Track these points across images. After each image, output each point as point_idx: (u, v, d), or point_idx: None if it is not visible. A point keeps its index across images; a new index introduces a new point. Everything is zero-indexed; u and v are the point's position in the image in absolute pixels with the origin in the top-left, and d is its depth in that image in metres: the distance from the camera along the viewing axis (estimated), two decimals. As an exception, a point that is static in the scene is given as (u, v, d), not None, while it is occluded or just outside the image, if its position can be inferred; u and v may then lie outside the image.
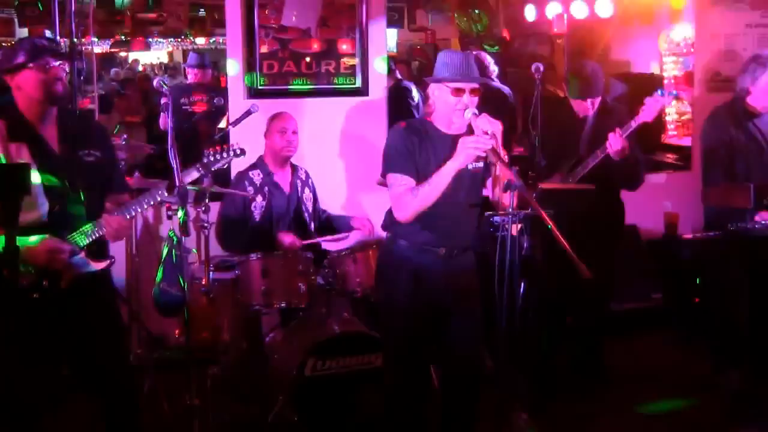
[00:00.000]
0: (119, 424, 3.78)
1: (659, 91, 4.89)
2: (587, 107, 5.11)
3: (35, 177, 3.45)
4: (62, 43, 4.88)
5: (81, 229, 3.54)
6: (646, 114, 4.87)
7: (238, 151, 3.81)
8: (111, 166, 3.82)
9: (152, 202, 3.66)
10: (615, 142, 4.79)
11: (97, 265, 3.62)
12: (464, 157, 3.66)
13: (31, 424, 3.64)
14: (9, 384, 3.56)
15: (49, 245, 3.46)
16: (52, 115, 3.60)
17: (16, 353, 3.51)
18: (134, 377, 3.98)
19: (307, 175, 5.43)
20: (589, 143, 5.02)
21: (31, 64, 3.46)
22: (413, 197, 3.74)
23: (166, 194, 3.63)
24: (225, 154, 3.77)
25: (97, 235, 3.55)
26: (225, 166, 3.83)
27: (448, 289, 3.92)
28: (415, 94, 7.58)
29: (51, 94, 3.51)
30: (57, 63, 3.51)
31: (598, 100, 5.12)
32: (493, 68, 6.42)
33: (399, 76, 7.76)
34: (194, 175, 3.75)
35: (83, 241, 3.54)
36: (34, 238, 3.43)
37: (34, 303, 3.48)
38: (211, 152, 3.75)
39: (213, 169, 3.80)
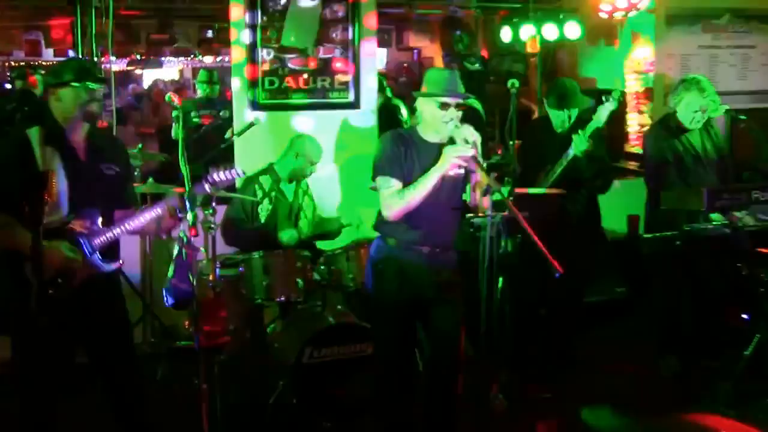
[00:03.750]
0: (126, 410, 3.76)
1: (604, 98, 4.90)
2: (564, 120, 5.11)
3: (62, 183, 3.46)
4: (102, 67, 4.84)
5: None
6: (596, 120, 4.88)
7: (240, 173, 3.79)
8: (126, 180, 3.84)
9: (154, 215, 3.64)
10: (580, 143, 4.82)
11: (109, 266, 3.62)
12: (448, 163, 3.67)
13: (49, 411, 3.61)
14: (30, 374, 3.54)
15: (63, 255, 3.45)
16: (83, 128, 3.62)
17: (36, 345, 3.50)
18: (139, 369, 3.94)
19: (308, 186, 5.44)
20: (556, 155, 5.02)
21: (74, 84, 3.49)
22: (400, 198, 3.75)
23: (159, 211, 3.62)
24: (228, 175, 3.73)
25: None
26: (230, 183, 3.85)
27: (432, 284, 3.91)
28: (404, 110, 7.56)
29: (85, 113, 3.55)
30: (96, 86, 3.56)
31: (575, 113, 5.11)
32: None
33: (389, 95, 7.75)
34: (206, 190, 3.74)
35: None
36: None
37: (51, 298, 3.44)
38: (219, 172, 3.72)
39: (219, 188, 3.80)
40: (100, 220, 3.56)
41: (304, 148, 5.25)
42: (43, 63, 11.06)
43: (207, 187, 3.67)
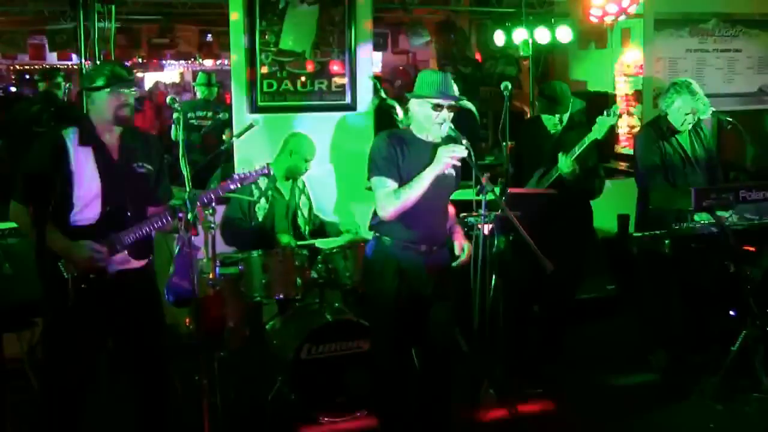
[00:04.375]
0: (152, 403, 3.84)
1: (605, 112, 4.89)
2: (556, 123, 5.11)
3: (95, 182, 3.54)
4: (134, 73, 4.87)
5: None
6: (596, 132, 4.87)
7: (266, 170, 3.88)
8: (158, 178, 3.86)
9: (159, 225, 3.69)
10: (564, 165, 4.82)
11: (137, 263, 3.70)
12: (443, 163, 3.67)
13: (79, 399, 3.68)
14: (60, 363, 3.59)
15: (86, 255, 3.50)
16: (116, 129, 3.69)
17: (67, 336, 3.56)
18: (169, 363, 3.99)
19: (305, 185, 5.42)
20: (551, 156, 5.01)
21: (107, 90, 3.57)
22: (396, 198, 3.73)
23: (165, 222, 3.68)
24: (254, 172, 3.90)
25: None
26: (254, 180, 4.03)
27: (428, 282, 3.90)
28: (400, 111, 7.53)
29: (117, 117, 3.62)
30: (128, 91, 3.62)
31: (566, 116, 5.11)
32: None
33: (384, 95, 7.73)
34: (232, 187, 3.84)
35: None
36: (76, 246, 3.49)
37: (84, 292, 3.52)
38: (244, 171, 3.88)
39: (243, 184, 3.95)
40: (127, 219, 3.61)
41: (298, 146, 5.25)
42: (57, 67, 11.02)
43: (233, 184, 3.78)
